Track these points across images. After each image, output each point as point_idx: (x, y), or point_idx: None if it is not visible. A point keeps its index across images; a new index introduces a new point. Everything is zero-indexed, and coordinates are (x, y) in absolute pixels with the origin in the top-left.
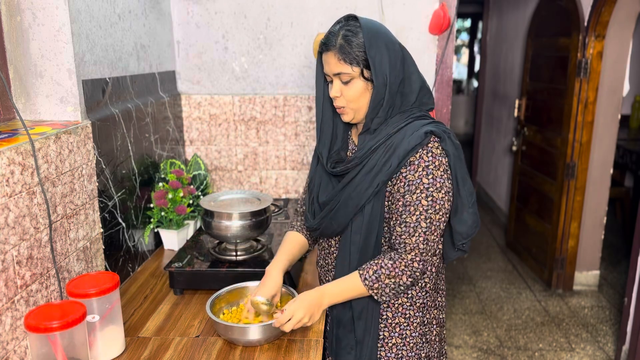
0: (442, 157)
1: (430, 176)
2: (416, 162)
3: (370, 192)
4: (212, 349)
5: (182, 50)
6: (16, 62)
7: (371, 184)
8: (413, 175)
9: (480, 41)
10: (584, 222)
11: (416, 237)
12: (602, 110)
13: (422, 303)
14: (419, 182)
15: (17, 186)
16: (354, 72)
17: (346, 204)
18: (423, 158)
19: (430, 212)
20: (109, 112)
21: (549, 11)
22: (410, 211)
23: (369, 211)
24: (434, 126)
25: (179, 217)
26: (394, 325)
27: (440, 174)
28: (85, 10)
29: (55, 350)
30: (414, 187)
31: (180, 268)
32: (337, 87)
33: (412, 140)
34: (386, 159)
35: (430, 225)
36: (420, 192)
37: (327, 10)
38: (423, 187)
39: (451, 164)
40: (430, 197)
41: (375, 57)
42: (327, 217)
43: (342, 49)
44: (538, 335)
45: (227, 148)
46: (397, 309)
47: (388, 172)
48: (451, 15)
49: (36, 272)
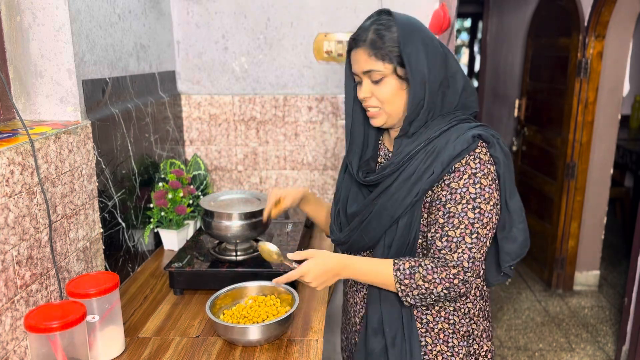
0: (491, 165)
1: (478, 185)
2: (462, 169)
3: (408, 202)
4: (212, 349)
5: (182, 50)
6: (16, 62)
7: (409, 192)
8: (457, 183)
9: (480, 41)
10: (584, 222)
11: (459, 253)
12: (602, 110)
13: (467, 331)
14: (464, 190)
15: (17, 186)
16: (386, 69)
17: (380, 215)
18: (470, 165)
19: (477, 226)
20: (108, 112)
21: (549, 11)
22: (454, 224)
23: (403, 224)
24: (482, 130)
25: (178, 217)
26: (435, 353)
27: (489, 183)
28: (85, 10)
29: (55, 351)
30: (458, 197)
31: (180, 268)
32: (367, 87)
33: (457, 145)
34: (427, 165)
35: (477, 241)
36: (466, 203)
37: (327, 10)
38: (470, 198)
39: (500, 173)
40: (477, 208)
41: (412, 54)
42: (357, 229)
43: (374, 44)
44: (538, 335)
45: (227, 148)
46: (437, 335)
47: (430, 180)
48: (451, 15)
49: (36, 272)
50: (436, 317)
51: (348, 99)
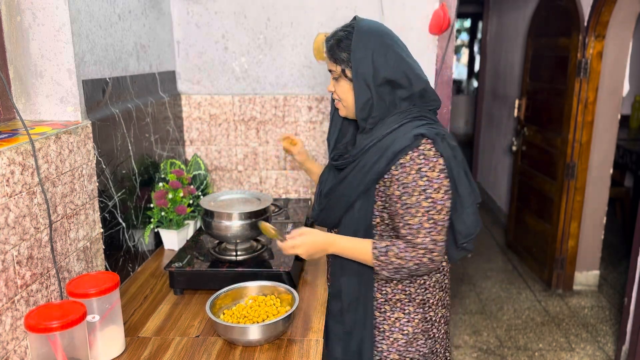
0: (437, 158)
1: (425, 178)
2: (408, 165)
3: (360, 190)
4: (212, 349)
5: (182, 50)
6: (16, 62)
7: (361, 181)
8: (407, 177)
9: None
10: (584, 222)
11: (421, 237)
12: (602, 110)
13: (422, 300)
14: (414, 184)
15: (18, 186)
16: (337, 70)
17: (339, 199)
18: (415, 161)
19: (432, 213)
20: (109, 112)
21: (549, 11)
22: (412, 213)
23: (358, 207)
24: (427, 128)
25: (179, 217)
26: (393, 320)
27: (436, 175)
28: (85, 10)
29: (55, 350)
30: (410, 190)
31: (180, 268)
32: (332, 83)
33: (402, 142)
34: (376, 159)
35: (435, 225)
36: (418, 195)
37: (327, 10)
38: (420, 190)
39: (448, 166)
40: (429, 198)
41: (360, 59)
42: (324, 209)
43: (332, 48)
44: (538, 335)
45: (227, 148)
46: (395, 304)
47: (377, 172)
48: (451, 15)
49: (36, 272)
50: (394, 289)
51: None
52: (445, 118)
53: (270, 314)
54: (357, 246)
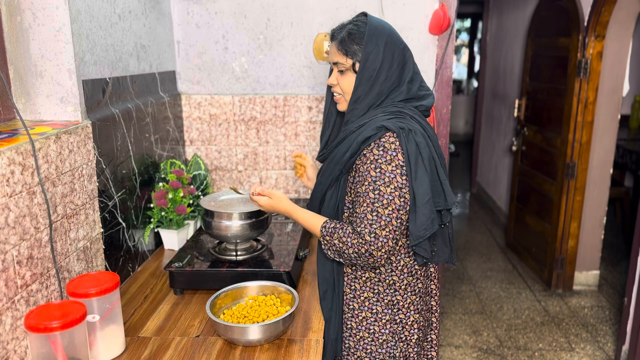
0: (396, 153)
1: (378, 170)
2: (367, 155)
3: (330, 180)
4: (212, 348)
5: (182, 50)
6: (16, 62)
7: (332, 172)
8: (363, 167)
9: (480, 41)
10: (584, 222)
11: (362, 227)
12: (602, 110)
13: (391, 301)
14: (367, 174)
15: (18, 186)
16: (347, 63)
17: (317, 189)
18: (373, 152)
19: (376, 205)
20: (109, 112)
21: (549, 11)
22: (359, 202)
23: (328, 197)
24: (392, 122)
25: (179, 217)
26: (361, 319)
27: (390, 168)
28: (86, 10)
29: (56, 350)
30: (362, 179)
31: (180, 268)
32: (334, 75)
33: (365, 134)
34: (344, 150)
35: (378, 219)
36: (368, 185)
37: (327, 10)
38: (371, 180)
39: (408, 161)
40: (377, 190)
41: (370, 53)
42: (313, 193)
43: (342, 40)
44: (538, 335)
45: (227, 148)
46: (363, 302)
47: (342, 162)
48: (451, 15)
49: (36, 272)
50: (362, 286)
51: (328, 88)
52: (445, 118)
53: (270, 314)
54: (311, 220)
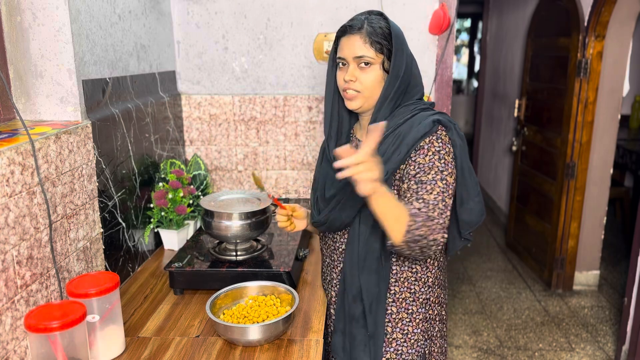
0: (450, 146)
1: (443, 160)
2: (426, 147)
3: None
4: (212, 349)
5: (182, 50)
6: (16, 62)
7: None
8: (424, 158)
9: (480, 41)
10: (584, 222)
11: (438, 212)
12: (602, 110)
13: (425, 299)
14: (432, 164)
15: (17, 186)
16: (378, 58)
17: (354, 194)
18: (433, 143)
19: (445, 195)
20: (109, 112)
21: (549, 11)
22: (428, 189)
23: None
24: (441, 116)
25: (179, 217)
26: (397, 321)
27: (450, 160)
28: (86, 10)
29: (55, 350)
30: (427, 169)
31: (180, 268)
32: (354, 71)
33: (421, 129)
34: (395, 147)
35: (445, 209)
36: (435, 174)
37: (327, 10)
38: (437, 170)
39: (457, 154)
40: (444, 180)
41: (398, 52)
42: (334, 209)
43: (371, 33)
44: (538, 335)
45: (227, 148)
46: (400, 304)
47: (397, 160)
48: (451, 15)
49: (36, 272)
50: (401, 288)
51: (329, 86)
52: None
53: (270, 314)
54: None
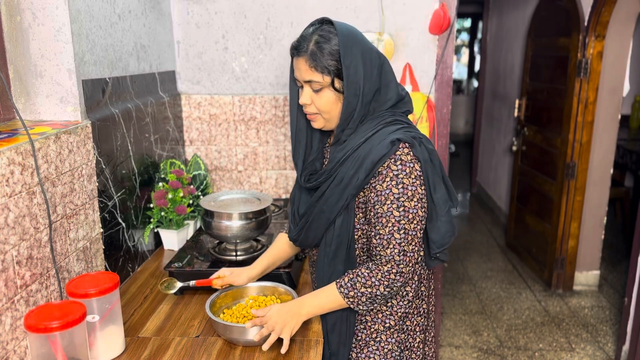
0: (413, 163)
1: (400, 185)
2: (384, 172)
3: (340, 206)
4: (212, 349)
5: (182, 50)
6: (16, 62)
7: (340, 197)
8: (382, 185)
9: (480, 41)
10: (584, 222)
11: (391, 248)
12: (602, 110)
13: (404, 312)
14: (388, 192)
15: (17, 186)
16: (325, 81)
17: (319, 217)
18: (391, 167)
19: (403, 222)
20: (108, 112)
21: (549, 11)
22: (383, 223)
23: (339, 224)
24: (403, 132)
25: (179, 217)
26: (372, 331)
27: (411, 181)
28: (85, 10)
29: (55, 350)
30: (383, 198)
31: (180, 268)
32: (308, 94)
33: (379, 151)
34: (354, 171)
35: (406, 235)
36: (390, 203)
37: (327, 11)
38: (393, 198)
39: (424, 170)
40: (401, 207)
41: (350, 67)
42: (303, 229)
43: (314, 55)
44: (538, 335)
45: (227, 148)
46: (376, 315)
47: (356, 185)
48: (451, 15)
49: (36, 272)
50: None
51: (292, 103)
52: (446, 118)
53: None
54: (326, 295)
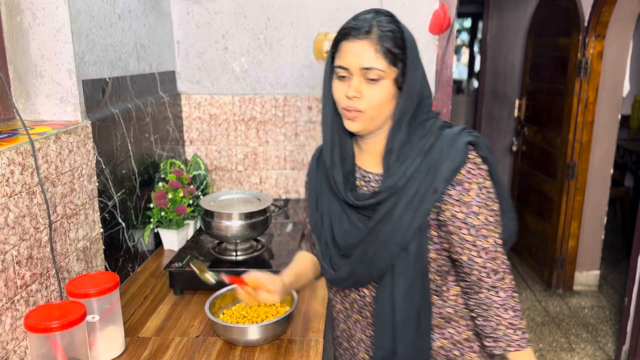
0: (484, 166)
1: (484, 190)
2: (466, 181)
3: (415, 226)
4: (212, 349)
5: (182, 50)
6: (16, 62)
7: (415, 215)
8: (469, 195)
9: (480, 41)
10: (584, 222)
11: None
12: (602, 110)
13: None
14: (479, 200)
15: (17, 186)
16: (390, 71)
17: (387, 243)
18: (471, 173)
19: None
20: (108, 112)
21: (549, 11)
22: (484, 235)
23: (415, 249)
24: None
25: (179, 217)
26: None
27: (490, 184)
28: (85, 10)
29: (55, 350)
30: (476, 208)
31: (180, 268)
32: (359, 85)
33: (455, 157)
34: (429, 183)
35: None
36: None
37: (327, 10)
38: (484, 204)
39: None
40: (492, 211)
41: (416, 63)
42: (361, 263)
43: (383, 39)
44: (538, 335)
45: (227, 148)
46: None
47: (434, 199)
48: (451, 15)
49: (36, 272)
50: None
51: (327, 102)
52: (446, 118)
53: (269, 314)
54: None
